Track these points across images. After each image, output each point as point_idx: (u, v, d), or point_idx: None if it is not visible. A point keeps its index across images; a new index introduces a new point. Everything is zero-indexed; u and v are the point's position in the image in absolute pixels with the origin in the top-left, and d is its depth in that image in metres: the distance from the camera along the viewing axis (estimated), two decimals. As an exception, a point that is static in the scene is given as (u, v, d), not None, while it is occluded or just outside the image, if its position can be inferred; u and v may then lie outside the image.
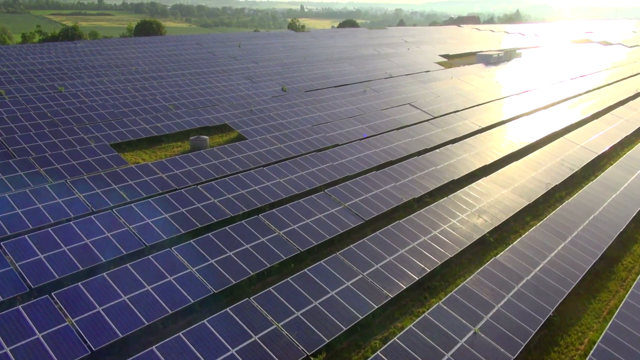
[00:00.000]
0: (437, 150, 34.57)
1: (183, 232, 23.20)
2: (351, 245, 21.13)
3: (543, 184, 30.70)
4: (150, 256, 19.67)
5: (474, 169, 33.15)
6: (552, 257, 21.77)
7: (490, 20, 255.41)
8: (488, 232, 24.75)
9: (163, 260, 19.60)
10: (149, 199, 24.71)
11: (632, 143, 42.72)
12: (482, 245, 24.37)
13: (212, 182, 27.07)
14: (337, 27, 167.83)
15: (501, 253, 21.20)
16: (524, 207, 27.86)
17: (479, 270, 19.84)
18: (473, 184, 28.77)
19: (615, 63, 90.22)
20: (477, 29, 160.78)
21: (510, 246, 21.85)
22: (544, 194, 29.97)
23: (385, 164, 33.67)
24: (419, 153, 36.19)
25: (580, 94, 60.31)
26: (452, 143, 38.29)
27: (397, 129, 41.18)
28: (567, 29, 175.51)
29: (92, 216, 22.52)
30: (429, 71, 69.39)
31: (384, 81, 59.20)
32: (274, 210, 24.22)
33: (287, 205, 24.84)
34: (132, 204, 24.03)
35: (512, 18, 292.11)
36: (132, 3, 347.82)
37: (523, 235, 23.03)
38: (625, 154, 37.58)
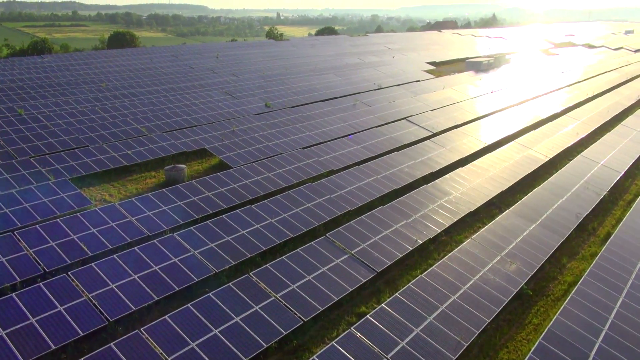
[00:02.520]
0: (447, 175, 30.66)
1: (156, 298, 18.71)
2: (368, 316, 16.88)
3: (574, 216, 26.96)
4: (111, 344, 15.18)
5: (491, 197, 29.30)
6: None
7: (468, 25, 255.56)
8: (525, 284, 20.79)
9: (127, 348, 15.10)
10: (114, 255, 20.17)
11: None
12: (519, 300, 20.41)
13: (192, 227, 22.60)
14: (316, 34, 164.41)
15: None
16: (561, 247, 24.03)
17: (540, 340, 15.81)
18: (498, 219, 24.83)
19: (607, 65, 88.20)
20: (458, 34, 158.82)
21: (564, 305, 17.89)
22: (581, 235, 26.23)
23: (390, 193, 29.59)
24: (425, 179, 32.23)
25: (581, 102, 57.39)
26: (461, 165, 34.52)
27: (397, 149, 37.23)
28: (548, 32, 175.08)
29: (40, 283, 17.91)
30: (419, 81, 65.89)
31: (373, 93, 55.36)
32: (267, 265, 19.86)
33: (283, 257, 20.52)
34: (92, 264, 19.45)
35: (489, 22, 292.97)
36: (107, 13, 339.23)
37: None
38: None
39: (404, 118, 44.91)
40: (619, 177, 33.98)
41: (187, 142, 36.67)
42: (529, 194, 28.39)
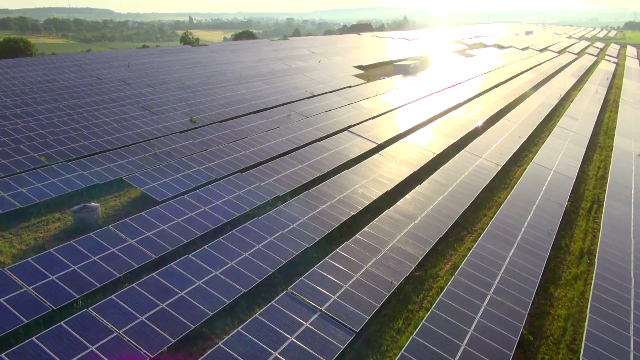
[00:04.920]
0: (408, 196, 27.55)
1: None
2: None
3: (546, 234, 24.78)
4: None
5: (456, 218, 26.53)
6: None
7: (382, 28, 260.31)
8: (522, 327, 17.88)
9: None
10: (3, 356, 14.71)
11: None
12: (521, 349, 17.41)
13: (113, 297, 17.48)
14: (234, 38, 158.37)
15: None
16: (544, 273, 21.51)
17: None
18: (475, 247, 21.91)
19: (521, 66, 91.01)
20: (377, 36, 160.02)
21: None
22: (557, 254, 24.05)
23: (349, 221, 25.92)
24: (383, 200, 28.92)
25: (512, 103, 57.41)
26: (416, 180, 31.69)
27: (346, 165, 33.73)
28: (457, 34, 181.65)
29: None
30: (351, 86, 63.19)
31: (307, 102, 51.69)
32: (220, 344, 15.36)
33: (239, 329, 16.09)
34: (-29, 369, 13.93)
35: (402, 25, 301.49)
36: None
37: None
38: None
39: (346, 129, 41.62)
40: (572, 184, 32.80)
41: (99, 171, 30.72)
42: (497, 213, 25.93)
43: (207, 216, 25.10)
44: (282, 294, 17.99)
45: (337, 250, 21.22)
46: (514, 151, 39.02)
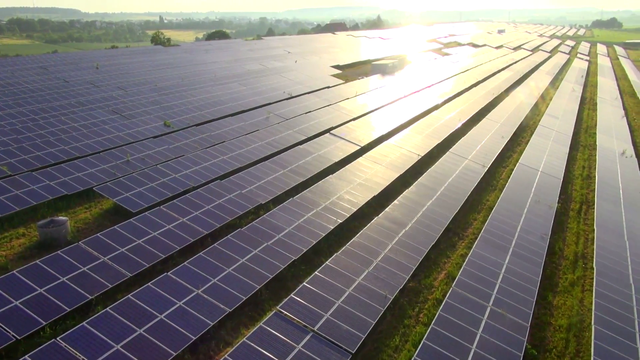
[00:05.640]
0: (396, 201, 26.50)
1: None
2: None
3: (540, 238, 24.03)
4: None
5: (447, 223, 25.59)
6: None
7: (356, 27, 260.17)
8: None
9: None
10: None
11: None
12: (526, 366, 16.45)
13: (84, 323, 15.84)
14: (207, 38, 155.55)
15: None
16: (541, 280, 20.69)
17: None
18: (471, 255, 20.94)
19: (497, 64, 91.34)
20: (352, 35, 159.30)
21: None
22: (552, 259, 23.30)
23: (336, 230, 24.70)
24: (370, 205, 27.82)
25: (492, 103, 57.13)
26: (402, 184, 30.77)
27: (330, 170, 32.51)
28: (432, 32, 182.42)
29: None
30: (329, 87, 62.02)
31: (285, 103, 50.30)
32: (206, 374, 13.95)
33: (226, 356, 14.69)
34: None
35: (376, 24, 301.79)
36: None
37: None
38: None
39: (327, 131, 40.42)
40: (560, 185, 32.31)
41: (67, 181, 28.73)
42: (489, 217, 25.09)
43: (185, 228, 23.52)
44: (271, 314, 16.63)
45: (326, 262, 19.97)
46: (499, 151, 38.45)
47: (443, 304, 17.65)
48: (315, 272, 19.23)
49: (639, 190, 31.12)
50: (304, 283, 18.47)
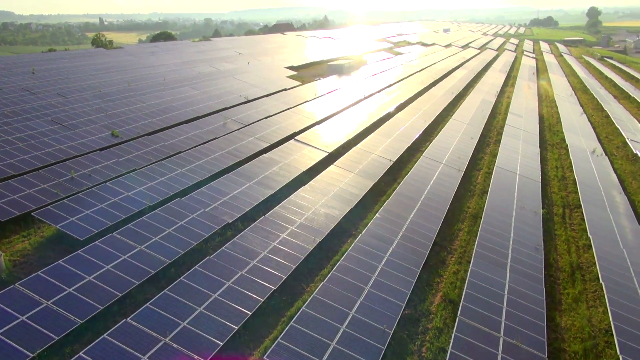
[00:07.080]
0: (378, 214, 24.28)
1: None
2: None
3: (534, 250, 22.46)
4: None
5: (433, 237, 23.61)
6: None
7: (303, 27, 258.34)
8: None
9: None
10: None
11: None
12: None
13: (24, 398, 12.60)
14: (151, 40, 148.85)
15: None
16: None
17: None
18: (470, 276, 18.96)
19: (450, 63, 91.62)
20: (301, 36, 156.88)
21: None
22: (549, 272, 21.72)
23: (315, 250, 22.19)
24: (348, 219, 25.50)
25: (454, 102, 56.29)
26: (380, 194, 28.66)
27: (300, 181, 29.94)
28: (380, 32, 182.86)
29: None
30: (286, 89, 59.34)
31: (242, 108, 47.29)
32: None
33: None
34: None
35: (323, 24, 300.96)
36: None
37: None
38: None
39: (291, 137, 37.80)
40: (540, 188, 31.21)
41: (0, 205, 24.73)
42: (479, 230, 23.32)
43: (144, 258, 20.32)
44: (257, 367, 13.95)
45: (314, 294, 17.43)
46: (471, 154, 37.15)
47: (452, 338, 15.52)
48: (303, 308, 16.67)
49: (619, 192, 30.43)
50: (292, 323, 15.87)
